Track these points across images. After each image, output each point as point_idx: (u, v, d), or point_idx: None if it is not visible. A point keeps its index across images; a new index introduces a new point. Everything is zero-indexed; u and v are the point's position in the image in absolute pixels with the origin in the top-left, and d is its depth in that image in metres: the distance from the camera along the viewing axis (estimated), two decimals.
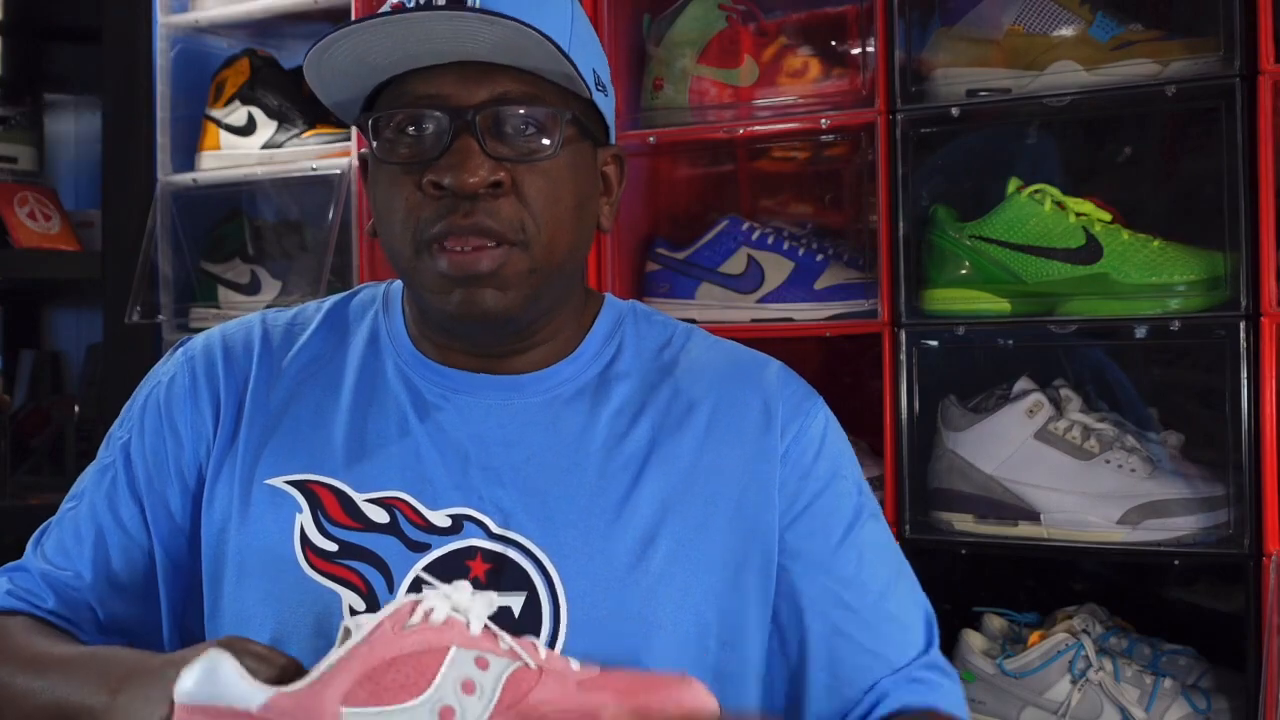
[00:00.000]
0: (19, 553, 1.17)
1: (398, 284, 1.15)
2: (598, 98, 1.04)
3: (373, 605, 1.01)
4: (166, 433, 1.10)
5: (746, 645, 1.06)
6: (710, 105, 1.86)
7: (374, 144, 1.02)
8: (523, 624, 1.00)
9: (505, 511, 1.03)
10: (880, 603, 1.08)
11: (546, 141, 1.00)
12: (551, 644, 1.00)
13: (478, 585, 1.01)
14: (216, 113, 2.23)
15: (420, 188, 0.99)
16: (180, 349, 1.15)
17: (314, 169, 2.12)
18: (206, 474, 1.09)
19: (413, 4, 0.98)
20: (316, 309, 1.16)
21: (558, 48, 0.96)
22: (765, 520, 1.06)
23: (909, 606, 1.10)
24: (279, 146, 2.18)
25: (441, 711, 0.76)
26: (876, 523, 1.12)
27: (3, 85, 2.77)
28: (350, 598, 1.01)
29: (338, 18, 2.11)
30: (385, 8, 1.01)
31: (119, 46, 2.35)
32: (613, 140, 1.10)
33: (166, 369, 1.14)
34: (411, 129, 1.00)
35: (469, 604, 0.81)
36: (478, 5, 0.96)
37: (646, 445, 1.06)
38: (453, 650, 0.78)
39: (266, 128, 2.19)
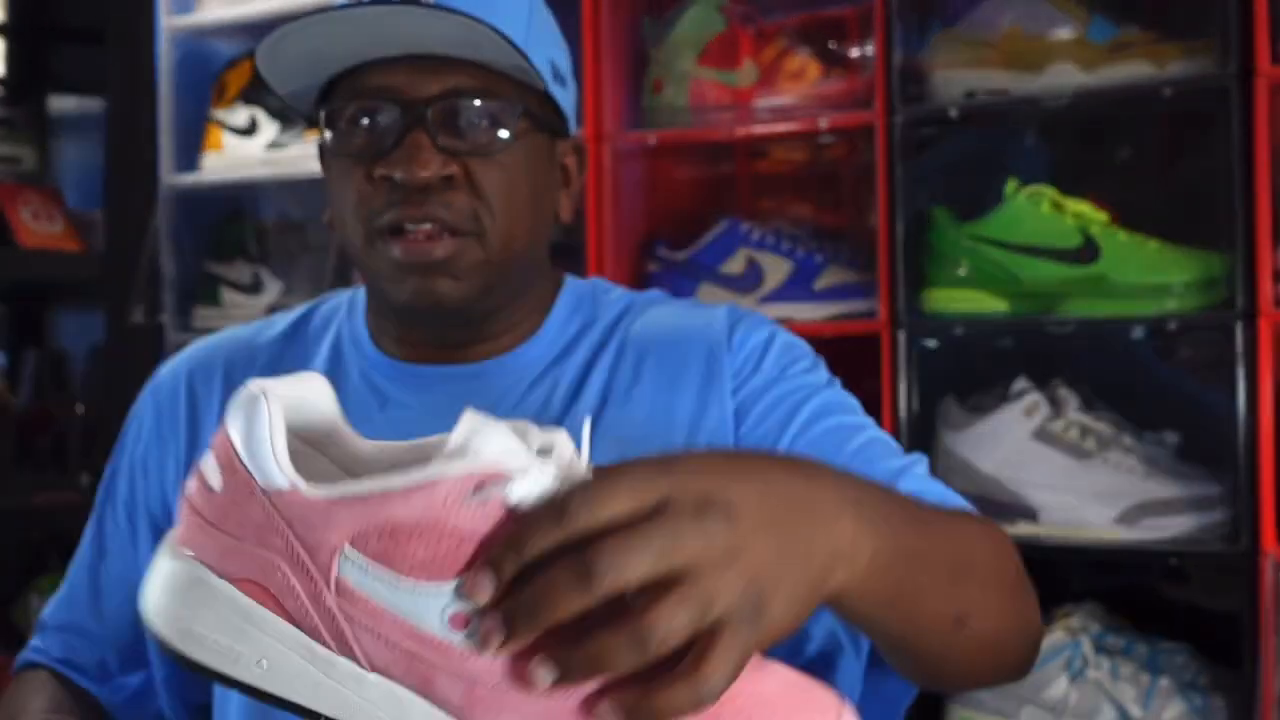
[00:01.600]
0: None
1: (364, 288, 1.14)
2: (555, 89, 1.03)
3: None
4: (138, 473, 1.10)
5: None
6: (710, 107, 1.87)
7: (327, 136, 1.01)
8: None
9: None
10: (854, 436, 1.00)
11: (500, 134, 0.99)
12: None
13: None
14: (219, 113, 2.24)
15: (371, 180, 0.98)
16: (151, 381, 1.15)
17: (317, 170, 2.12)
18: (175, 499, 1.08)
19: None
20: (281, 321, 1.15)
21: (510, 42, 0.95)
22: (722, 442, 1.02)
23: (881, 448, 1.01)
24: (282, 147, 2.19)
25: (452, 617, 0.60)
26: (831, 391, 1.05)
27: (6, 86, 2.78)
28: None
29: None
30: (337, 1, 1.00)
31: (122, 47, 2.36)
32: (573, 132, 1.09)
33: (138, 406, 1.14)
34: (364, 121, 0.99)
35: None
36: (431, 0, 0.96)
37: (598, 402, 1.03)
38: None
39: (269, 128, 2.20)
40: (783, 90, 1.84)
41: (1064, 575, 1.80)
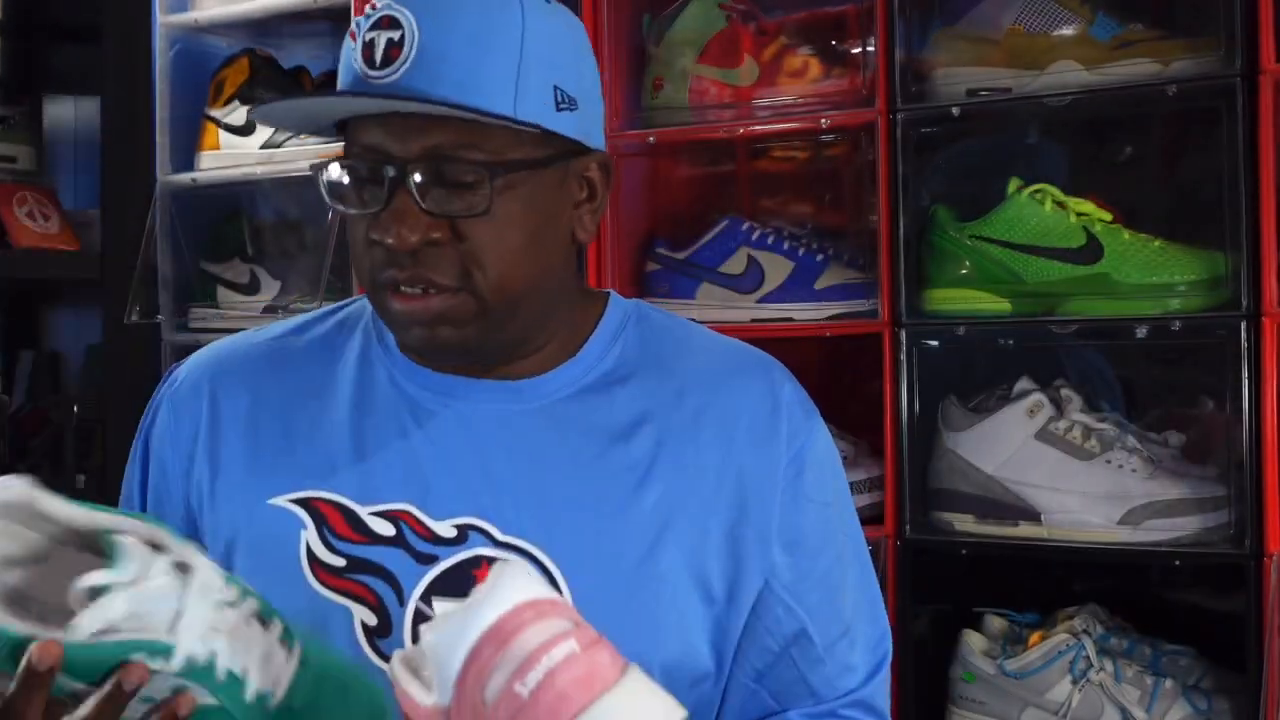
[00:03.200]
0: None
1: None
2: (561, 119, 1.00)
3: (383, 619, 1.01)
4: (154, 468, 1.11)
5: (729, 643, 1.08)
6: (710, 105, 1.86)
7: (323, 184, 1.02)
8: None
9: (508, 518, 1.03)
10: (838, 643, 1.09)
11: (485, 190, 0.97)
12: None
13: None
14: (216, 112, 2.22)
15: (368, 239, 0.99)
16: (167, 378, 1.15)
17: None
18: (202, 503, 1.08)
19: (362, 73, 0.97)
20: (302, 326, 1.15)
21: (498, 116, 0.95)
22: (766, 528, 1.06)
23: (862, 645, 1.11)
24: (278, 146, 2.18)
25: None
26: (858, 553, 1.13)
27: (2, 84, 2.77)
28: (361, 612, 1.02)
29: (337, 17, 2.11)
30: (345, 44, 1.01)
31: (118, 46, 2.35)
32: (598, 146, 1.06)
33: (155, 401, 1.14)
34: (353, 179, 1.00)
35: None
36: (409, 68, 0.95)
37: (653, 448, 1.05)
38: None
39: (265, 128, 2.19)
40: (783, 88, 1.83)
41: (1067, 577, 1.80)
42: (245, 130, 2.20)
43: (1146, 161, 1.84)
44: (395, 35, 0.96)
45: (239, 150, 2.21)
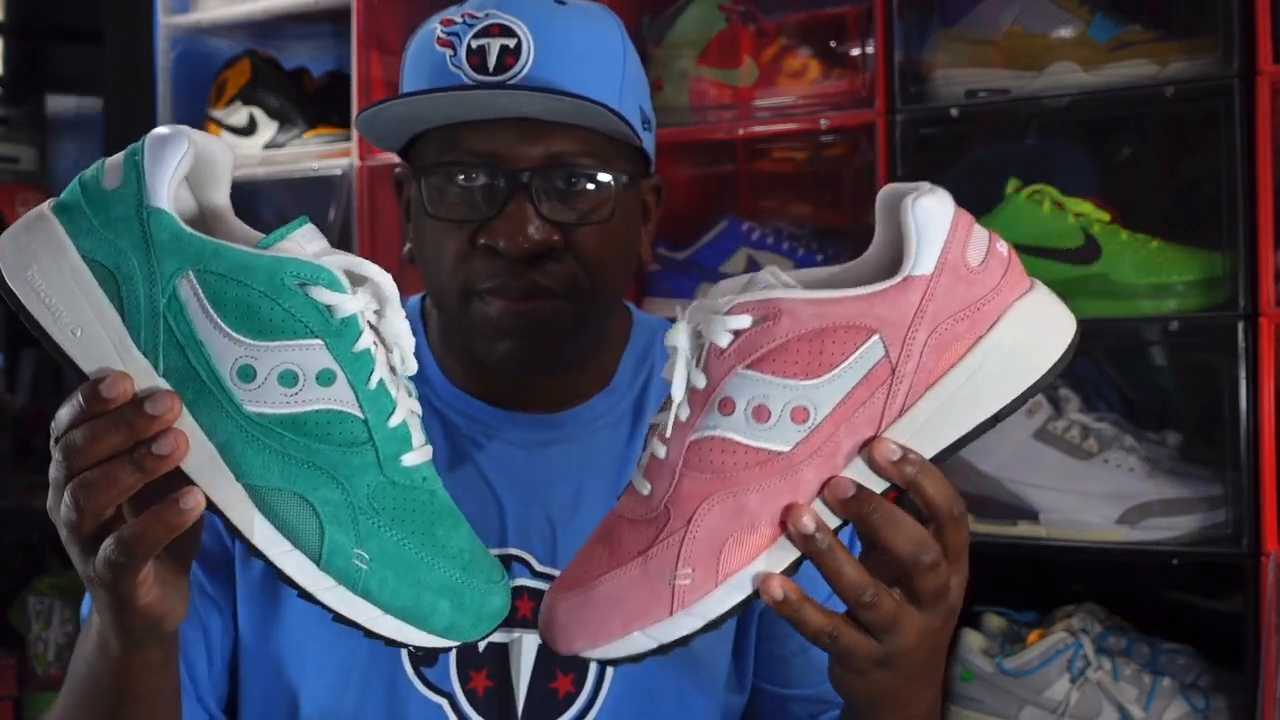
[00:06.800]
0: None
1: (412, 302, 1.12)
2: (645, 138, 1.02)
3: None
4: None
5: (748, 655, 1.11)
6: (710, 106, 1.87)
7: (422, 192, 0.99)
8: (571, 657, 1.01)
9: (548, 548, 1.03)
10: None
11: (601, 203, 0.98)
12: (600, 674, 1.01)
13: (525, 625, 1.00)
14: (218, 113, 2.23)
15: (473, 245, 0.97)
16: None
17: (315, 169, 2.12)
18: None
19: (469, 80, 0.96)
20: None
21: (616, 114, 0.94)
22: None
23: None
24: (280, 147, 2.19)
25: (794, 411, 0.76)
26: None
27: (4, 85, 2.78)
28: None
29: (338, 18, 2.11)
30: (433, 35, 0.98)
31: (120, 47, 2.36)
32: (653, 170, 1.08)
33: None
34: (463, 185, 0.97)
35: None
36: (529, 74, 0.95)
37: None
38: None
39: (268, 128, 2.20)
40: (783, 89, 1.84)
41: (1065, 576, 1.80)
42: (247, 131, 2.21)
43: (1144, 162, 1.85)
44: (510, 43, 0.95)
45: (241, 151, 2.21)
